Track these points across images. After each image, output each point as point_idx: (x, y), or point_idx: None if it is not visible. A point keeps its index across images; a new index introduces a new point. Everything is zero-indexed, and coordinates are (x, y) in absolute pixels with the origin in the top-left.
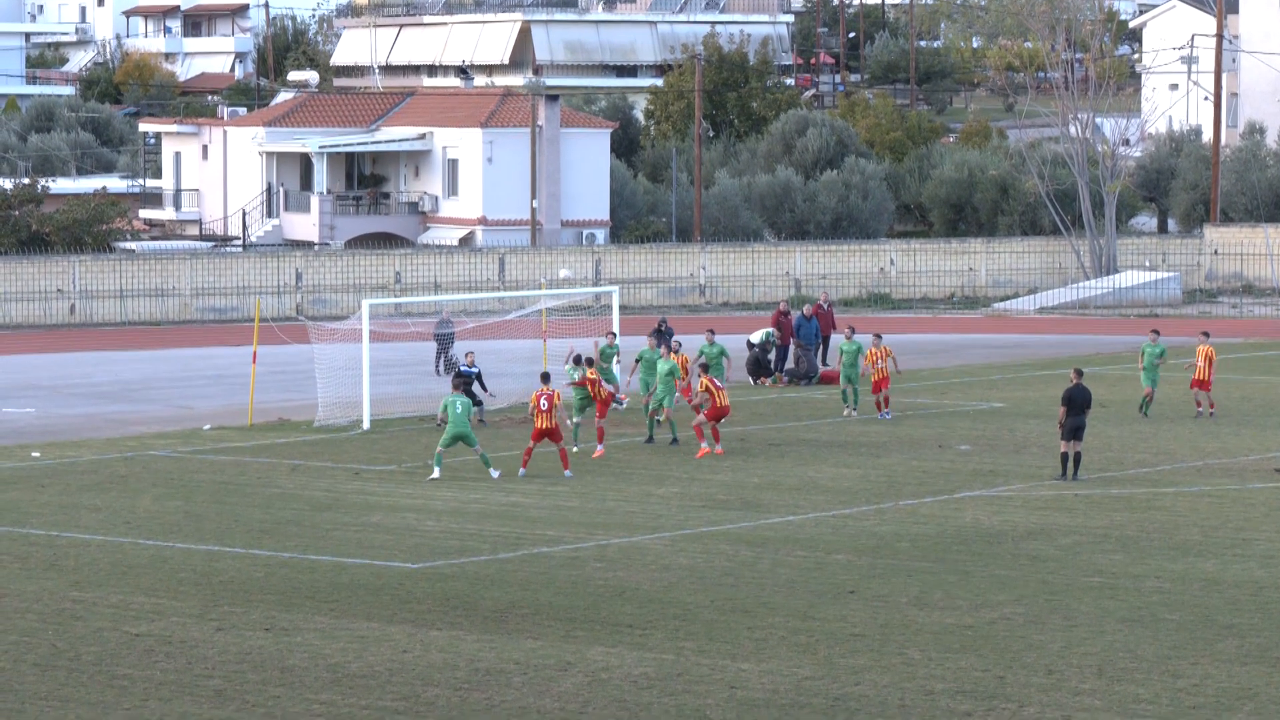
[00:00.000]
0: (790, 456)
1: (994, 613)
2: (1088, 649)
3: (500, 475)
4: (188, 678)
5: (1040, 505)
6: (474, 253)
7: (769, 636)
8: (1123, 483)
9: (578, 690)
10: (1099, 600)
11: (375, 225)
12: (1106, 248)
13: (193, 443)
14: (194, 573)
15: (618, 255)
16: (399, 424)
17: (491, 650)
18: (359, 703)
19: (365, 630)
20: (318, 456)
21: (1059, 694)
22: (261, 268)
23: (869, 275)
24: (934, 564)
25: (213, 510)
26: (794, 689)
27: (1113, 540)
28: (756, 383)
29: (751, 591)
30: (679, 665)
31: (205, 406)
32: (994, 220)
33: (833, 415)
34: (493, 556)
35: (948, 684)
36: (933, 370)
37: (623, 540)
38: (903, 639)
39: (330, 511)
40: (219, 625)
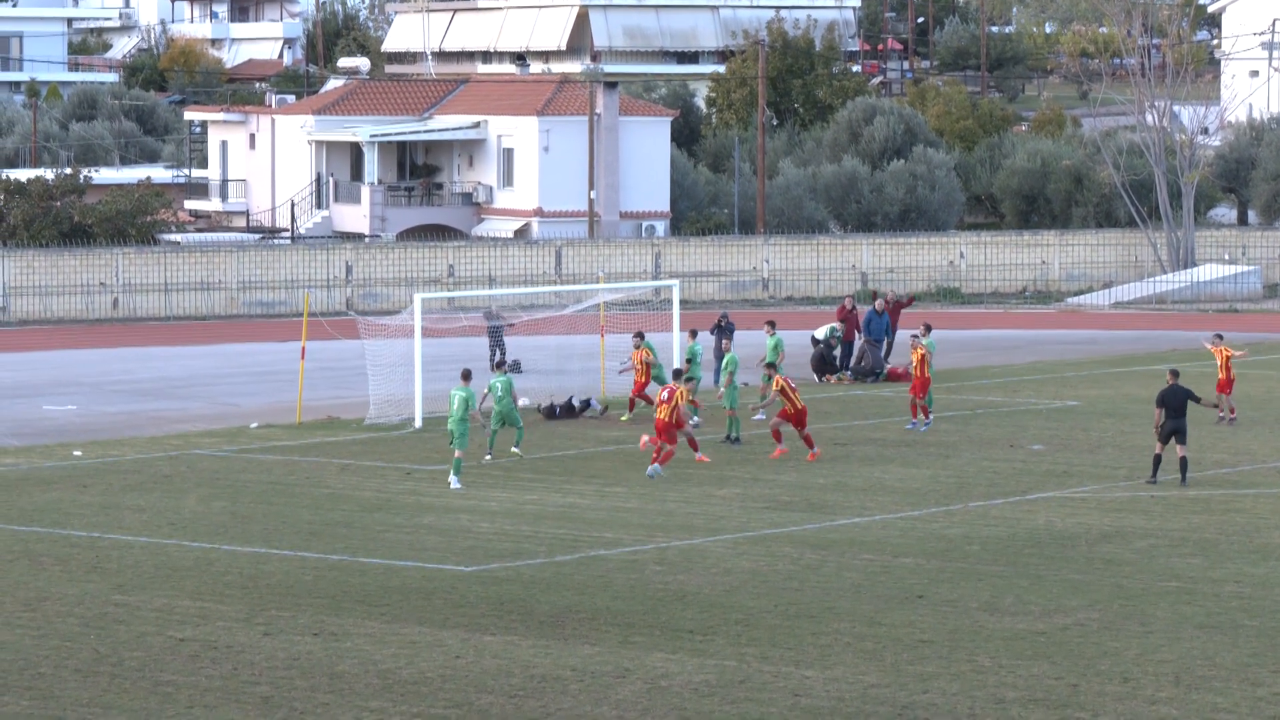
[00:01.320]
0: (856, 456)
1: (1067, 618)
2: (1164, 656)
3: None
4: (234, 684)
5: (1115, 507)
6: (530, 245)
7: (834, 643)
8: (1201, 484)
9: (636, 698)
10: (1176, 606)
11: (428, 217)
12: (1184, 240)
13: (239, 441)
14: (240, 575)
15: (678, 248)
16: None
17: (547, 656)
18: (410, 710)
19: (417, 635)
20: (368, 456)
21: (1134, 703)
22: (310, 260)
23: (938, 269)
24: (1005, 568)
25: (260, 511)
26: (860, 697)
27: (1190, 543)
28: (822, 380)
29: (816, 596)
30: (741, 672)
31: (252, 404)
32: (1067, 212)
33: (901, 414)
34: (549, 559)
35: (1019, 692)
36: (1004, 367)
37: (683, 543)
38: (972, 645)
39: (381, 513)
40: (266, 630)
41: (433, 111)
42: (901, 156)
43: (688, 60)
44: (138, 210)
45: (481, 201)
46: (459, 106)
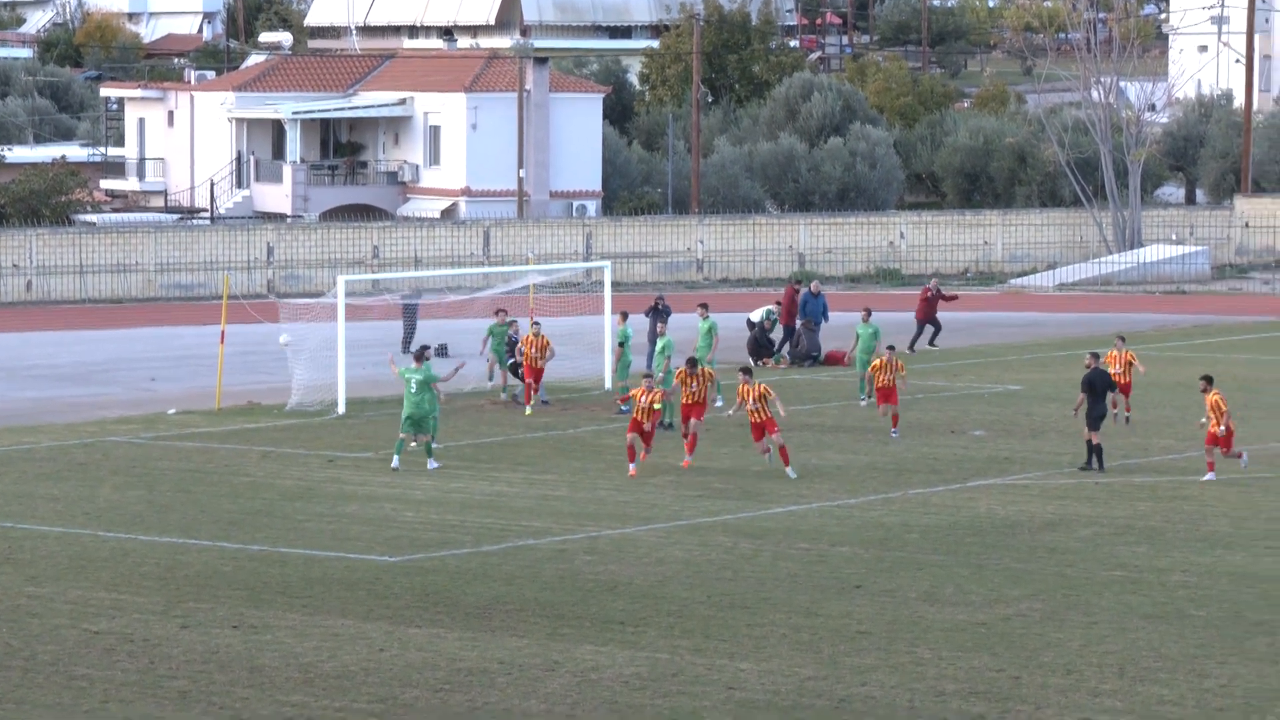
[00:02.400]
0: (792, 442)
1: (1009, 609)
2: (1109, 647)
3: (437, 467)
4: (150, 678)
5: (1059, 494)
6: (457, 226)
7: (769, 634)
8: (1146, 470)
9: (565, 691)
10: (1121, 595)
11: (352, 196)
12: (1130, 220)
13: (156, 428)
14: (157, 566)
15: (610, 228)
16: (376, 407)
17: (474, 649)
18: (332, 705)
19: (339, 628)
20: (289, 443)
21: (1078, 695)
22: (230, 242)
23: (877, 249)
24: (945, 557)
25: (177, 500)
26: (796, 690)
27: (1136, 531)
28: (757, 363)
29: (751, 586)
30: (673, 665)
31: (170, 389)
32: (1011, 191)
33: (838, 399)
34: (475, 549)
35: (959, 684)
36: (945, 350)
37: (614, 532)
38: (912, 636)
39: (303, 501)
40: (184, 622)
41: (357, 88)
42: (840, 134)
43: (620, 35)
44: (52, 190)
45: (407, 181)
46: (384, 83)
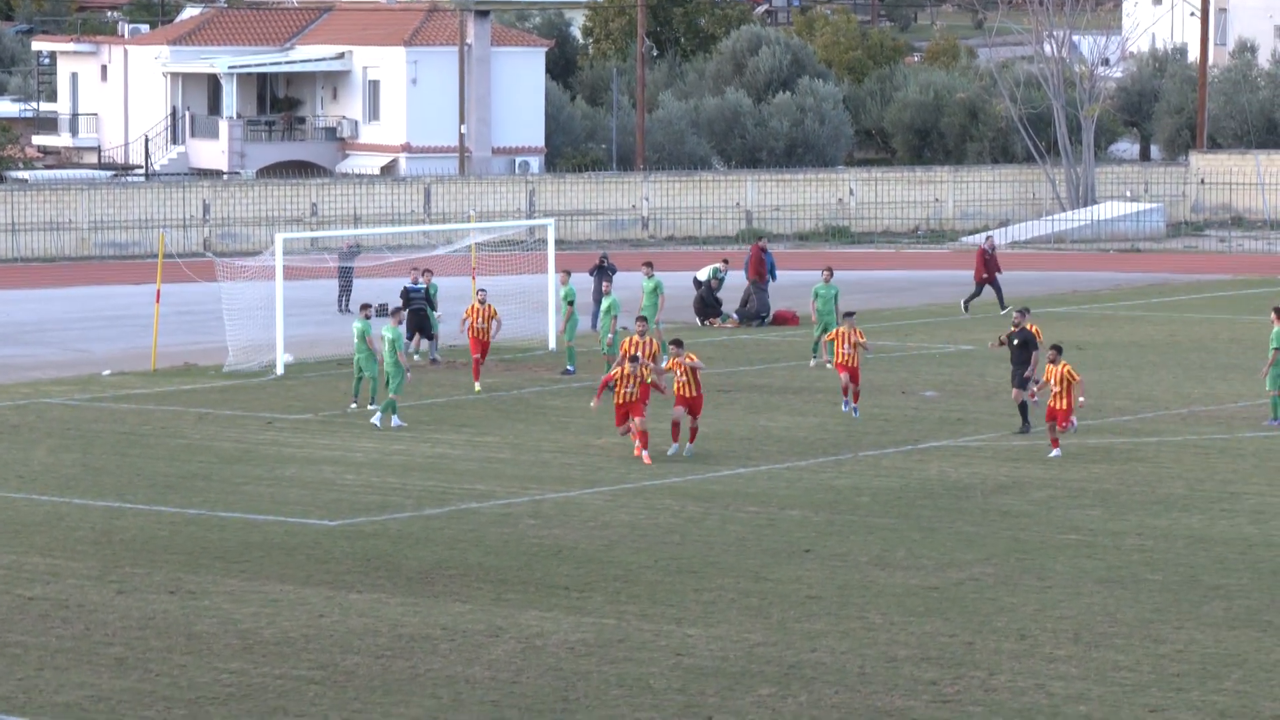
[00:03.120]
0: (741, 404)
1: (962, 573)
2: (1063, 612)
3: (384, 427)
4: (86, 645)
5: (1012, 456)
6: (397, 183)
7: (717, 599)
8: (1101, 432)
9: (510, 658)
10: (1075, 559)
11: (289, 153)
12: (1084, 177)
13: (91, 390)
14: (93, 531)
15: (553, 185)
16: (316, 368)
17: (416, 615)
18: (272, 672)
19: (279, 593)
20: (227, 404)
21: (1032, 661)
22: (166, 199)
23: (826, 207)
24: (897, 520)
25: (113, 463)
26: (745, 656)
27: (1090, 494)
28: (704, 323)
29: (698, 550)
30: (620, 631)
31: (104, 350)
32: (962, 147)
33: (787, 359)
34: (417, 513)
35: (911, 650)
36: (896, 310)
37: (559, 495)
38: (862, 601)
39: (240, 464)
40: (120, 588)
41: (295, 41)
42: (788, 89)
43: None
44: None
45: (346, 136)
46: (322, 36)
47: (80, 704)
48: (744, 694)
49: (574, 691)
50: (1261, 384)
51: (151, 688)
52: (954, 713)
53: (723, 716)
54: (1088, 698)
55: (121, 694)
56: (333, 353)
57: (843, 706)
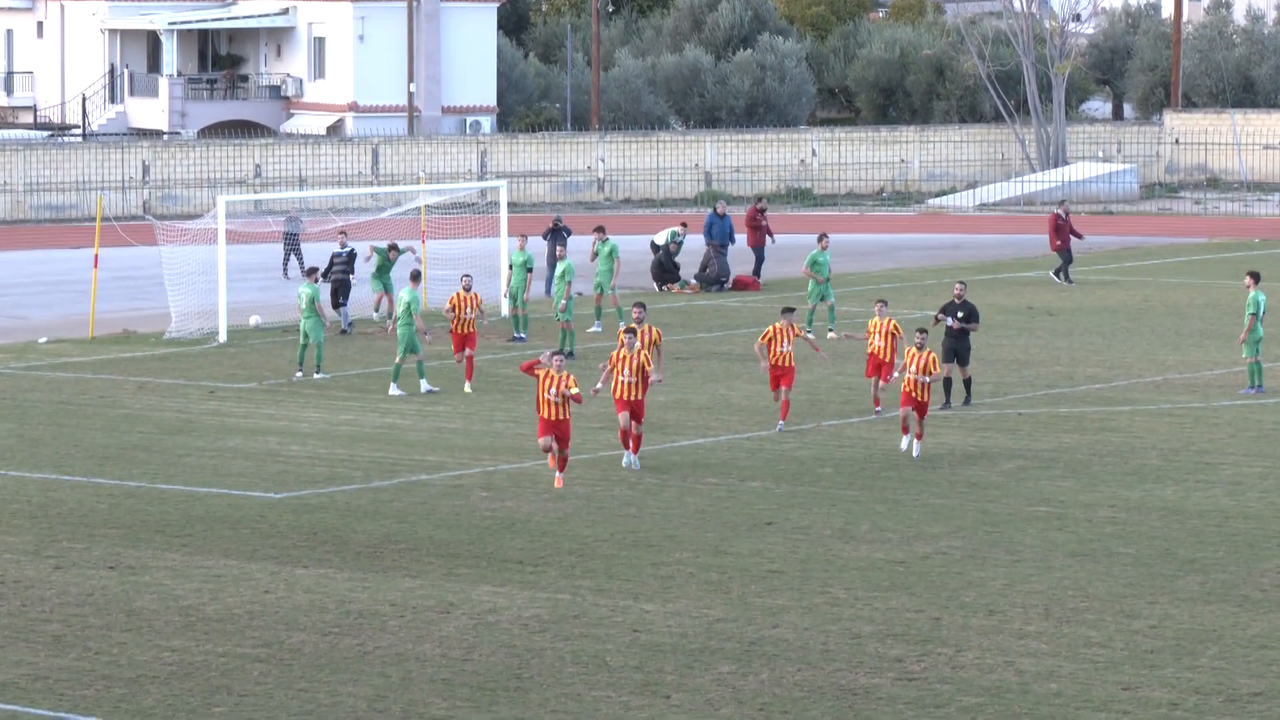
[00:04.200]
0: (699, 372)
1: (928, 546)
2: (1033, 586)
3: (326, 378)
4: (22, 622)
5: (980, 426)
6: (344, 143)
7: (676, 574)
8: (1072, 400)
9: (461, 634)
10: (1045, 532)
11: (232, 112)
12: (1054, 136)
13: (27, 358)
14: (28, 504)
15: (505, 145)
16: (260, 336)
17: (364, 590)
18: (215, 649)
19: (222, 568)
20: (168, 373)
21: (1001, 637)
22: (104, 160)
23: (788, 168)
24: (860, 492)
25: (49, 434)
26: (704, 632)
27: (1061, 465)
28: (662, 289)
29: (656, 524)
30: (575, 606)
31: (41, 316)
32: (928, 106)
33: (747, 325)
34: (366, 485)
35: (876, 626)
36: (860, 274)
37: (511, 466)
38: (826, 576)
39: (182, 435)
40: (57, 563)
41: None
42: (748, 46)
43: None
44: None
45: (291, 95)
46: None
47: (16, 683)
48: (703, 671)
49: (528, 669)
50: (1238, 350)
51: (90, 666)
52: (920, 690)
53: (682, 695)
54: (1058, 675)
55: (59, 672)
56: (277, 319)
57: (805, 684)
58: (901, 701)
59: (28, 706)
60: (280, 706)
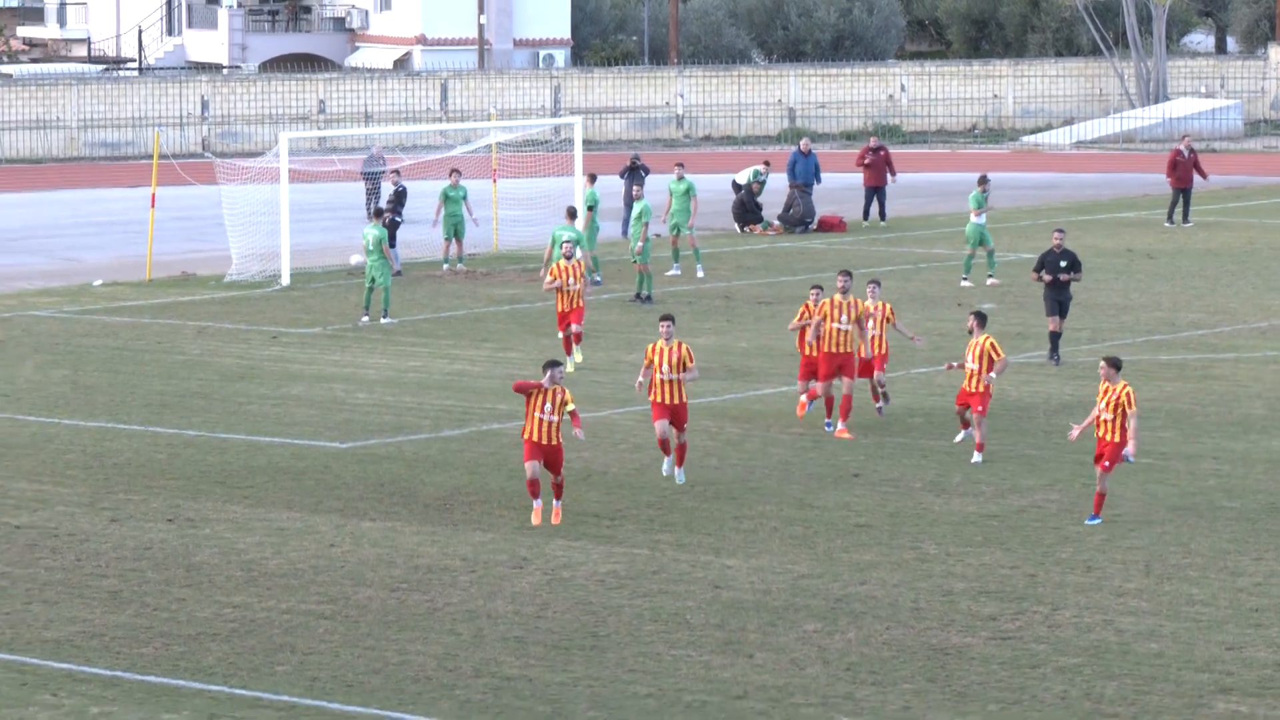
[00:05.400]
0: (784, 317)
1: (1023, 500)
2: (1133, 542)
3: (393, 323)
4: (77, 577)
5: (1077, 374)
6: (411, 77)
7: (758, 528)
8: (1174, 347)
9: (534, 591)
10: (1146, 485)
11: (294, 45)
12: (1155, 71)
13: (81, 301)
14: (83, 454)
15: (580, 80)
16: (324, 278)
17: (433, 544)
18: (278, 606)
19: (285, 521)
20: (228, 317)
21: (1099, 595)
22: (161, 95)
23: (875, 104)
24: (952, 443)
25: (105, 381)
26: (788, 589)
27: (1162, 415)
28: (744, 230)
29: (738, 475)
30: (653, 562)
31: (95, 259)
32: (1023, 39)
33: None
34: (435, 434)
35: (969, 583)
36: (951, 215)
37: (588, 415)
38: (916, 530)
39: (243, 382)
40: (113, 516)
41: None
42: None
43: None
44: None
45: (356, 27)
46: None
47: (71, 640)
48: (788, 630)
49: (604, 627)
50: None
51: (148, 623)
52: (1015, 650)
53: (765, 654)
54: (1159, 634)
55: (116, 629)
56: (338, 263)
57: (894, 643)
58: (995, 662)
59: (83, 665)
60: (346, 665)
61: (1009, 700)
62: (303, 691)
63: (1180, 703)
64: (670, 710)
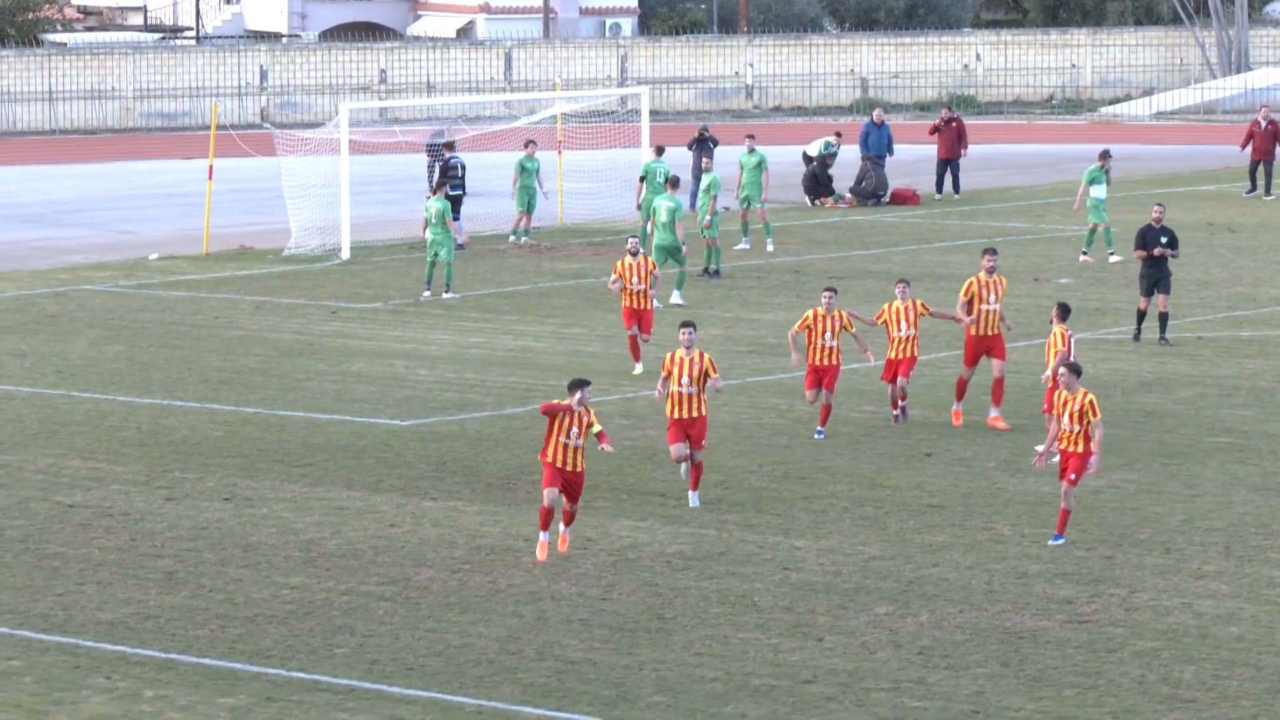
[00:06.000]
0: (855, 291)
1: (1100, 480)
2: (1212, 523)
3: (456, 298)
4: (132, 557)
5: (1156, 351)
6: (475, 46)
7: (829, 508)
8: (1255, 323)
9: (600, 572)
10: (1226, 465)
11: (355, 13)
12: (1236, 40)
13: (136, 275)
14: (139, 432)
15: (647, 49)
16: (385, 253)
17: (496, 525)
18: (337, 587)
19: (344, 500)
20: (287, 292)
21: (1178, 577)
22: (219, 64)
23: (950, 73)
24: (1027, 421)
25: (161, 357)
26: (859, 570)
27: (1244, 392)
28: (815, 203)
29: (808, 454)
30: (721, 543)
31: (151, 232)
32: (1101, 7)
33: (906, 242)
34: (498, 412)
35: (1044, 565)
36: (1027, 188)
37: (654, 393)
38: (989, 511)
39: (302, 358)
40: (169, 494)
41: None
42: None
43: None
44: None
45: None
46: None
47: (125, 621)
48: (858, 613)
49: (670, 609)
50: None
51: (204, 604)
52: (1091, 634)
53: (835, 637)
54: (1240, 617)
55: (171, 611)
56: (399, 236)
57: (967, 627)
58: (1071, 645)
59: (137, 647)
60: (406, 648)
61: (1085, 685)
62: (362, 675)
63: (1260, 688)
64: (737, 694)
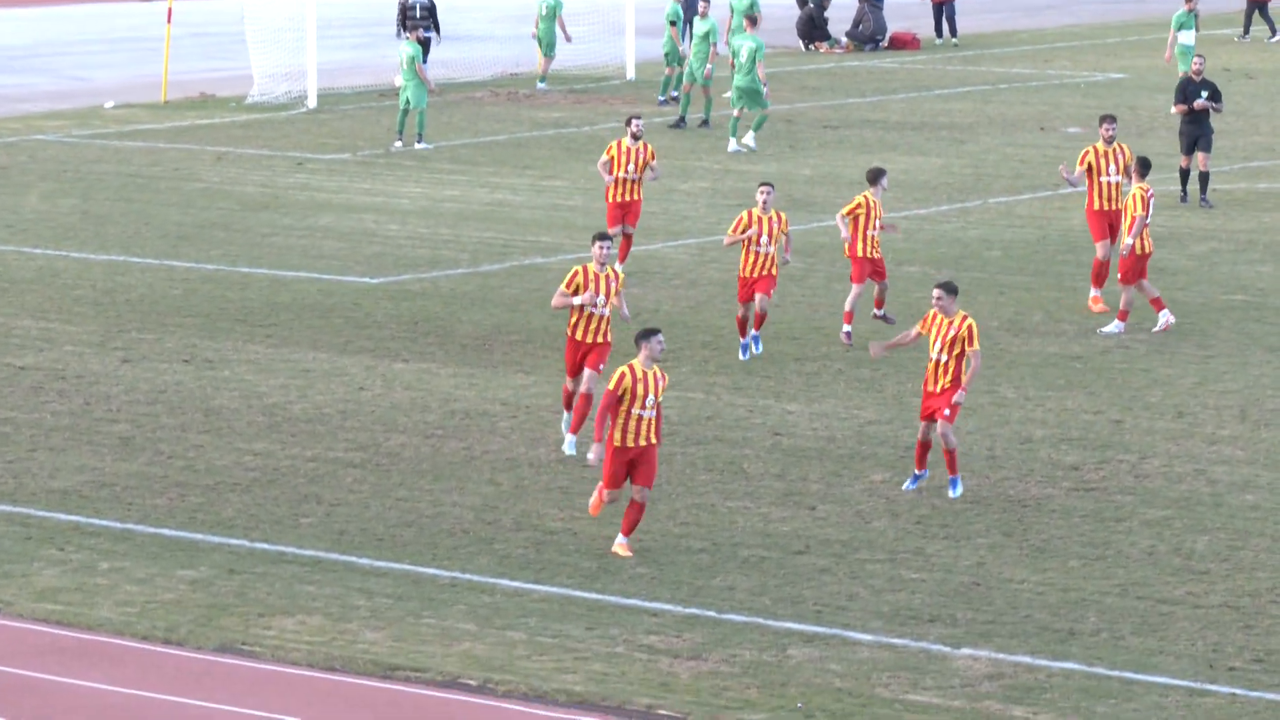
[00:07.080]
0: (851, 143)
1: (1108, 340)
2: (1227, 385)
3: (429, 148)
4: (86, 422)
5: (1168, 204)
6: None
7: (822, 370)
8: (1273, 174)
9: (581, 437)
10: (1242, 324)
11: None
12: None
13: (91, 125)
14: (93, 289)
15: None
16: (354, 100)
17: (471, 388)
18: (303, 454)
19: (311, 362)
20: (250, 142)
21: (1190, 442)
22: None
23: None
24: (1032, 278)
25: (117, 210)
26: (854, 436)
27: (1260, 248)
28: (809, 47)
29: (800, 314)
30: (709, 406)
31: (107, 78)
32: None
33: (905, 89)
34: (473, 269)
35: (1050, 429)
36: (1033, 31)
37: (638, 249)
38: (992, 373)
39: (267, 212)
40: (125, 356)
41: None
42: None
43: None
44: None
45: None
46: None
47: (79, 490)
48: (853, 480)
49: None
50: None
51: (162, 471)
52: (1099, 502)
53: (828, 506)
54: (1255, 485)
55: (128, 479)
56: (369, 83)
57: (968, 494)
58: (1077, 514)
59: (92, 517)
60: (376, 517)
61: (1091, 556)
62: (329, 545)
63: (1277, 559)
64: (725, 566)
